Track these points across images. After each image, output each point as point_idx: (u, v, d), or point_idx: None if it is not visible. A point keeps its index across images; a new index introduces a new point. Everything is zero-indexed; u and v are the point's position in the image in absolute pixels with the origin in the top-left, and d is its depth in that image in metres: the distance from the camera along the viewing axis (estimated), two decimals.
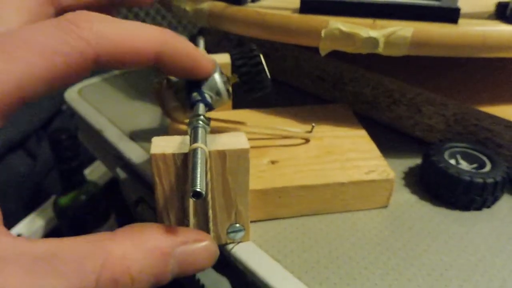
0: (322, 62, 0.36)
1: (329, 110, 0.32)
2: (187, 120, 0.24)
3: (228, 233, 0.22)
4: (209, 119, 0.21)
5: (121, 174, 0.31)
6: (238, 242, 0.23)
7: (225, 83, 0.23)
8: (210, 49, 0.30)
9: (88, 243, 0.16)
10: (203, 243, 0.19)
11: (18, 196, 0.64)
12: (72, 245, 0.16)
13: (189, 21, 0.31)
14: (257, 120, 0.30)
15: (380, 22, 0.25)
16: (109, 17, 0.18)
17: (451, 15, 0.25)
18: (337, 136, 0.29)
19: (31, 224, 0.65)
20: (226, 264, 0.23)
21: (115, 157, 0.33)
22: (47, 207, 0.66)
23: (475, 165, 0.26)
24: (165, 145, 0.20)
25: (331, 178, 0.25)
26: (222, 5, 0.29)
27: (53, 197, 0.64)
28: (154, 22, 0.95)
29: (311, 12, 0.27)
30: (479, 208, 0.25)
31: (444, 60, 0.34)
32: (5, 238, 0.15)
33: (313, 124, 0.28)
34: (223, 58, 0.28)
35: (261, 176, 0.25)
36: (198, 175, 0.17)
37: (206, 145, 0.19)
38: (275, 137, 0.28)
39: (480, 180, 0.24)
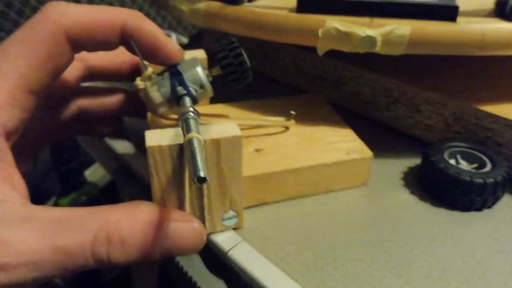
0: (320, 61, 0.36)
1: (303, 100, 0.33)
2: (173, 116, 0.25)
3: (222, 220, 0.23)
4: (197, 111, 0.21)
5: (117, 175, 0.31)
6: (234, 228, 0.23)
7: (207, 76, 0.24)
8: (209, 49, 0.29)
9: (91, 210, 0.20)
10: (192, 224, 0.21)
11: None
12: (78, 212, 0.19)
13: (187, 21, 0.31)
14: (235, 112, 0.31)
15: (377, 20, 0.25)
16: (77, 4, 0.21)
17: (449, 13, 0.25)
18: (315, 123, 0.30)
19: None
20: (222, 266, 0.23)
21: (112, 158, 0.33)
22: None
23: (475, 165, 0.26)
24: (160, 138, 0.20)
25: (315, 160, 0.26)
26: (218, 4, 0.29)
27: (53, 199, 0.64)
28: (154, 22, 0.95)
29: (308, 11, 0.26)
30: (479, 209, 0.25)
31: (443, 58, 0.33)
32: (27, 205, 0.19)
33: (293, 112, 0.29)
34: (199, 54, 0.28)
35: (248, 164, 0.25)
36: (199, 161, 0.18)
37: (200, 134, 0.19)
38: (257, 127, 0.29)
39: (480, 180, 0.24)
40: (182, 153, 0.20)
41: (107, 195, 0.65)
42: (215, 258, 0.23)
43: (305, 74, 0.37)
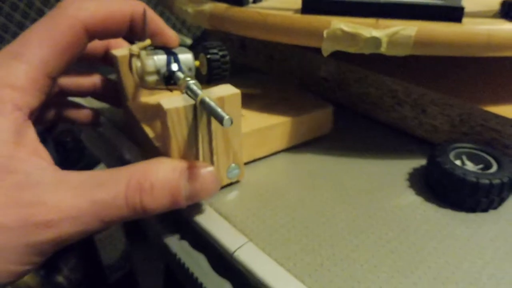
0: (326, 63, 0.36)
1: (262, 77, 0.38)
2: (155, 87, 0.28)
3: (227, 173, 0.26)
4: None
5: None
6: (236, 181, 0.27)
7: (194, 64, 0.27)
8: None
9: (117, 168, 0.22)
10: (209, 169, 0.23)
11: None
12: (106, 171, 0.21)
13: (192, 22, 0.31)
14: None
15: (383, 22, 0.25)
16: None
17: (455, 14, 0.25)
18: (280, 92, 0.34)
19: None
20: (228, 267, 0.23)
21: (117, 159, 0.33)
22: None
23: (481, 166, 0.26)
24: (174, 102, 0.22)
25: (292, 116, 0.30)
26: (223, 6, 0.29)
27: None
28: None
29: (313, 12, 0.26)
30: (485, 210, 0.25)
31: (449, 60, 0.33)
32: (58, 171, 0.21)
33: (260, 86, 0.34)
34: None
35: None
36: (220, 110, 0.21)
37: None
38: None
39: (486, 181, 0.24)
40: (195, 114, 0.23)
41: None
42: (220, 259, 0.23)
43: (311, 76, 0.37)
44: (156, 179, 0.22)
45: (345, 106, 0.36)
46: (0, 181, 0.19)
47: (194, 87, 0.23)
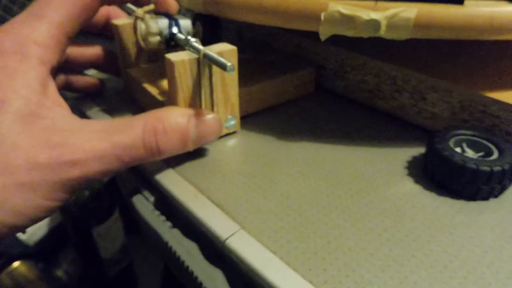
0: (323, 50, 0.35)
1: (255, 46, 0.41)
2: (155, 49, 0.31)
3: (225, 124, 0.29)
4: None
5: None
6: (233, 132, 0.30)
7: (192, 29, 0.31)
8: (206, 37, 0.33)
9: (131, 117, 0.24)
10: (212, 115, 0.26)
11: None
12: (121, 119, 0.24)
13: (186, 7, 0.31)
14: None
15: (382, 4, 0.24)
16: None
17: None
18: (267, 57, 0.37)
19: None
20: (220, 256, 0.22)
21: None
22: None
23: (481, 153, 0.25)
24: (180, 56, 0.25)
25: (279, 73, 0.33)
26: None
27: None
28: None
29: None
30: (485, 198, 0.24)
31: (449, 45, 0.33)
32: (79, 119, 0.23)
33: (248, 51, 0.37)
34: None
35: None
36: (222, 59, 0.23)
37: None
38: None
39: (487, 168, 0.23)
40: (198, 67, 0.25)
41: (111, 190, 0.65)
42: (212, 247, 0.23)
43: (308, 63, 0.37)
44: (169, 123, 0.24)
45: (343, 94, 0.35)
46: (31, 125, 0.21)
47: (196, 44, 0.26)
